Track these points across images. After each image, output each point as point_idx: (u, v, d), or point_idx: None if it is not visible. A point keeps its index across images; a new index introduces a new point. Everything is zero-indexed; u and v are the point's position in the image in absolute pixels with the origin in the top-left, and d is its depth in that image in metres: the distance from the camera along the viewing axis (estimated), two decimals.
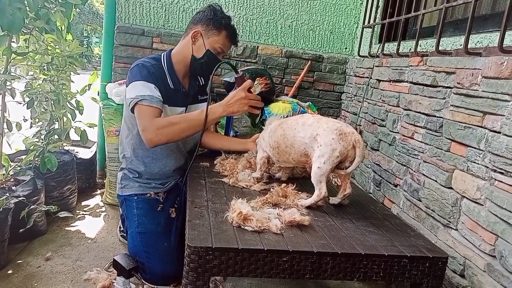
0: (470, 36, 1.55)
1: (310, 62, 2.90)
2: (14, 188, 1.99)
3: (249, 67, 2.57)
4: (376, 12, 2.57)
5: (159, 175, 1.85)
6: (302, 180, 1.68)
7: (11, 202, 1.82)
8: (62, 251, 2.00)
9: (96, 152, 2.91)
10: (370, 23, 2.57)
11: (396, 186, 1.99)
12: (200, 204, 1.30)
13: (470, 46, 1.56)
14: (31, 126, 2.32)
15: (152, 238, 1.68)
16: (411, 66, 1.94)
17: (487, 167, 1.36)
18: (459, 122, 1.54)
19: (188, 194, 1.40)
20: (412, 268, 1.11)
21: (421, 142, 1.80)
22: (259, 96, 1.72)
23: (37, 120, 2.30)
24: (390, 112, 2.12)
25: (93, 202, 2.67)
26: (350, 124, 1.95)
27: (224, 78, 2.43)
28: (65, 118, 2.44)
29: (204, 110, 1.59)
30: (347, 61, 2.97)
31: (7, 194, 1.86)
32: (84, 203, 2.63)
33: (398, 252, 1.12)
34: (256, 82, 2.13)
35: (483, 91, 1.41)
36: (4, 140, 2.08)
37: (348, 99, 2.90)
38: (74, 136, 2.53)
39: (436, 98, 1.71)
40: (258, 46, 2.86)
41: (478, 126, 1.43)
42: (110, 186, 2.58)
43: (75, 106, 2.43)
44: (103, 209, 2.57)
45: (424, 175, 1.74)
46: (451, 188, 1.56)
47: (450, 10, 1.91)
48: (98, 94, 2.77)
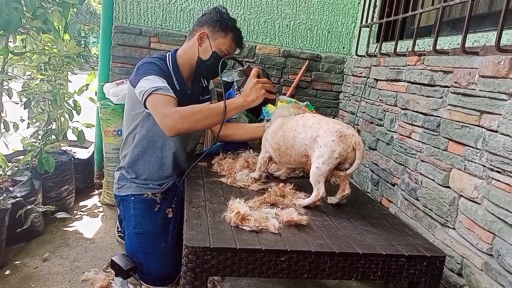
0: (467, 35, 1.55)
1: (307, 61, 2.90)
2: (12, 188, 1.98)
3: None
4: (373, 11, 2.57)
5: (157, 175, 1.85)
6: (300, 179, 1.68)
7: (9, 203, 1.81)
8: (60, 252, 1.99)
9: (93, 152, 2.90)
10: (368, 23, 2.57)
11: (394, 185, 1.99)
12: (198, 204, 1.30)
13: (467, 45, 1.56)
14: (29, 126, 2.31)
15: (149, 239, 1.67)
16: (409, 65, 1.94)
17: (484, 166, 1.37)
18: (457, 121, 1.54)
19: (186, 194, 1.40)
20: (410, 267, 1.12)
21: (418, 141, 1.80)
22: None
23: (34, 120, 2.29)
24: (388, 111, 2.12)
25: (90, 202, 2.66)
26: (348, 123, 1.96)
27: (222, 78, 2.43)
28: (62, 118, 2.43)
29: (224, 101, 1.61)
30: (345, 60, 2.97)
31: (5, 195, 1.85)
32: (81, 204, 2.62)
33: (396, 251, 1.12)
34: None
35: (480, 90, 1.41)
36: (1, 140, 2.07)
37: (346, 99, 2.90)
38: (71, 136, 2.52)
39: (433, 97, 1.71)
40: (256, 46, 2.86)
41: (475, 125, 1.43)
42: (108, 187, 2.58)
43: (73, 106, 2.43)
44: (101, 209, 2.57)
45: (421, 174, 1.74)
46: (449, 187, 1.56)
47: (447, 10, 1.91)
48: (95, 94, 2.76)
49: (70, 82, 2.50)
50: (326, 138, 1.30)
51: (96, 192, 2.84)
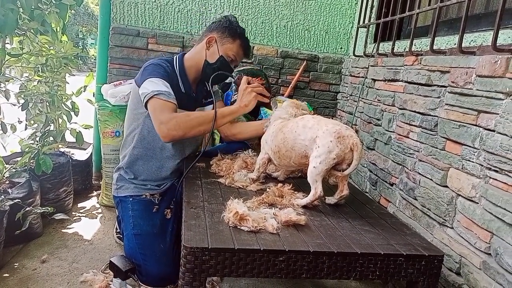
0: (464, 35, 1.56)
1: (305, 62, 2.91)
2: (10, 190, 1.98)
3: (244, 68, 2.58)
4: (371, 12, 2.58)
5: (156, 176, 1.85)
6: (298, 180, 1.68)
7: (7, 205, 1.81)
8: (58, 253, 1.99)
9: (91, 153, 2.90)
10: (365, 23, 2.57)
11: (392, 185, 2.00)
12: (196, 204, 1.30)
13: (464, 45, 1.57)
14: (26, 128, 2.30)
15: (147, 240, 1.67)
16: (406, 65, 1.94)
17: (482, 165, 1.37)
18: (454, 120, 1.54)
19: (184, 195, 1.40)
20: (408, 266, 1.12)
21: (416, 141, 1.80)
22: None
23: (32, 122, 2.28)
24: (386, 111, 2.12)
25: (89, 203, 2.66)
26: (346, 123, 1.96)
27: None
28: (60, 120, 2.43)
29: (220, 107, 1.68)
30: (343, 61, 2.97)
31: (3, 196, 1.85)
32: (80, 205, 2.62)
33: (394, 250, 1.12)
34: None
35: (477, 90, 1.41)
36: None
37: (343, 99, 2.90)
38: (69, 137, 2.51)
39: (431, 97, 1.72)
40: (253, 47, 2.86)
41: (473, 124, 1.44)
42: (106, 188, 2.57)
43: (71, 107, 2.42)
44: (99, 210, 2.56)
45: (419, 174, 1.75)
46: (447, 186, 1.56)
47: (444, 10, 1.92)
48: (93, 96, 2.76)
49: (68, 83, 2.49)
50: (324, 139, 1.31)
51: (94, 193, 2.83)
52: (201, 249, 1.01)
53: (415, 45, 1.98)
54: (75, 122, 2.47)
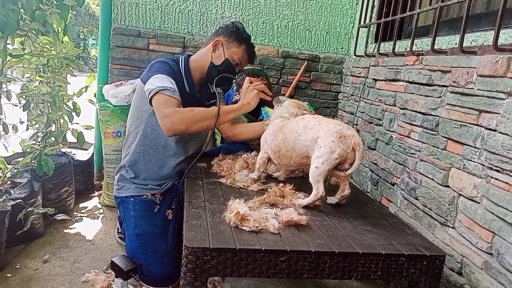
0: (465, 35, 1.55)
1: (306, 62, 2.91)
2: (11, 190, 1.98)
3: (245, 68, 2.58)
4: (371, 11, 2.57)
5: (157, 176, 1.85)
6: (299, 180, 1.68)
7: (8, 205, 1.81)
8: (60, 253, 1.99)
9: (93, 154, 2.90)
10: (366, 23, 2.57)
11: (393, 185, 1.99)
12: (197, 204, 1.30)
13: (465, 45, 1.57)
14: (28, 129, 2.31)
15: (149, 240, 1.67)
16: (407, 65, 1.94)
17: (483, 165, 1.37)
18: (455, 120, 1.54)
19: (185, 195, 1.40)
20: (410, 266, 1.12)
21: (417, 141, 1.80)
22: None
23: (33, 122, 2.28)
24: (387, 111, 2.12)
25: (90, 204, 2.66)
26: (347, 123, 1.96)
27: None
28: (61, 120, 2.43)
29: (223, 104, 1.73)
30: (344, 60, 2.97)
31: (4, 197, 1.85)
32: (81, 205, 2.62)
33: (395, 250, 1.12)
34: None
35: (479, 90, 1.41)
36: (0, 142, 2.07)
37: (345, 99, 2.90)
38: (71, 138, 2.52)
39: (432, 97, 1.72)
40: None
41: (474, 124, 1.44)
42: (108, 188, 2.58)
43: (72, 108, 2.43)
44: (101, 211, 2.57)
45: (421, 174, 1.75)
46: (448, 186, 1.56)
47: (445, 9, 1.92)
48: (94, 96, 2.76)
49: (69, 84, 2.50)
50: (326, 139, 1.31)
51: (96, 193, 2.83)
52: (202, 249, 1.02)
53: (416, 45, 1.98)
54: (77, 123, 2.47)
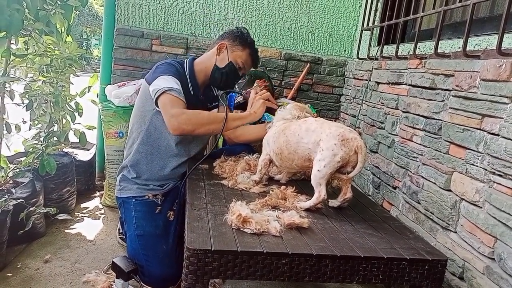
0: (469, 39, 1.55)
1: (309, 64, 2.91)
2: (13, 190, 1.99)
3: (248, 70, 2.58)
4: (375, 14, 2.57)
5: (158, 176, 1.86)
6: (301, 182, 1.68)
7: (10, 204, 1.82)
8: (61, 254, 1.99)
9: (95, 154, 2.91)
10: (369, 26, 2.57)
11: (395, 188, 1.99)
12: (199, 206, 1.30)
13: (468, 49, 1.56)
14: (30, 128, 2.31)
15: (150, 241, 1.67)
16: (410, 68, 1.94)
17: (486, 170, 1.37)
18: (458, 124, 1.54)
19: (187, 196, 1.40)
20: (411, 270, 1.11)
21: (420, 144, 1.80)
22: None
23: (36, 122, 2.29)
24: (389, 114, 2.12)
25: (92, 204, 2.67)
26: (349, 126, 1.96)
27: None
28: (64, 120, 2.44)
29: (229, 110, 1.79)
30: (346, 63, 2.97)
31: (6, 196, 1.85)
32: (83, 205, 2.62)
33: (397, 254, 1.12)
34: (255, 85, 2.16)
35: (482, 94, 1.41)
36: (3, 142, 2.07)
37: (347, 102, 2.90)
38: (73, 138, 2.52)
39: (435, 100, 1.71)
40: (257, 49, 2.85)
41: (477, 128, 1.43)
42: (109, 188, 2.58)
43: (74, 108, 2.43)
44: (102, 211, 2.57)
45: (423, 178, 1.74)
46: (450, 190, 1.56)
47: (449, 13, 1.91)
48: (97, 96, 2.77)
49: (72, 84, 2.50)
50: (328, 142, 1.30)
51: (97, 194, 2.84)
52: (204, 251, 1.01)
53: (419, 48, 1.98)
54: (79, 123, 2.48)
